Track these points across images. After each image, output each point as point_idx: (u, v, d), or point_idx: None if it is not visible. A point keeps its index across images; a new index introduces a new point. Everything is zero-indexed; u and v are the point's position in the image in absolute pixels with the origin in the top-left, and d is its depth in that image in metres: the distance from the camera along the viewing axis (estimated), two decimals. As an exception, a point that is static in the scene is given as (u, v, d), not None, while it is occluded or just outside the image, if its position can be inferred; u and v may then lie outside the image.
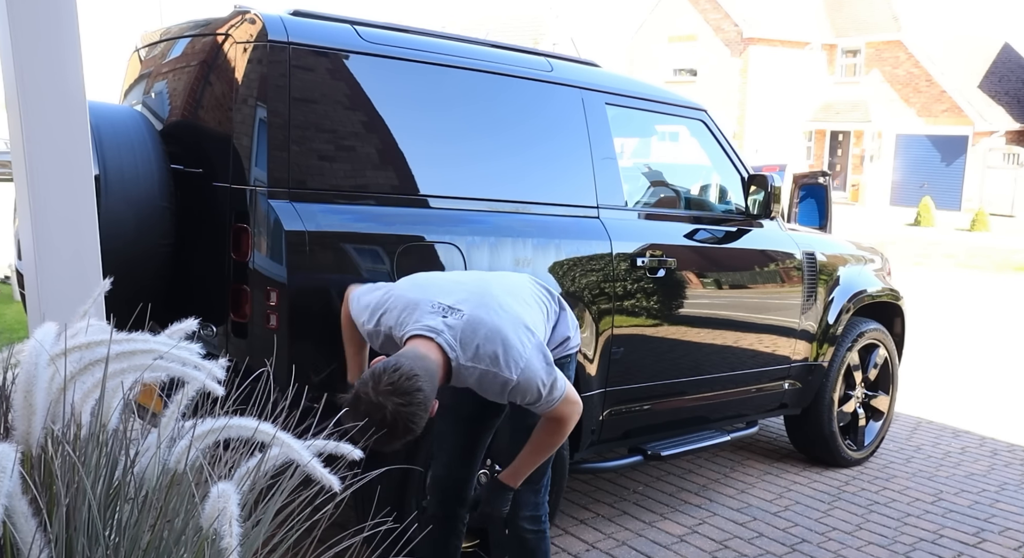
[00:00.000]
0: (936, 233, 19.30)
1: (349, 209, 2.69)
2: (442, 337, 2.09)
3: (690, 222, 3.77)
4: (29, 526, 1.11)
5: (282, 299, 2.53)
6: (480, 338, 2.10)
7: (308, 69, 2.63)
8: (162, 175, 2.72)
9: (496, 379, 2.11)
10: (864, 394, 4.56)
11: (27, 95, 1.94)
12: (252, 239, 2.54)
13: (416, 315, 2.16)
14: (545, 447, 2.34)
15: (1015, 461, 4.71)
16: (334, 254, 2.64)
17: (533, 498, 2.53)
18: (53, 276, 2.02)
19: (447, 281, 2.34)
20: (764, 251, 3.95)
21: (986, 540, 3.63)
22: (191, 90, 2.93)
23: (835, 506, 3.95)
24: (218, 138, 2.71)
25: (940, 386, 6.31)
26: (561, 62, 3.41)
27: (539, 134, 3.22)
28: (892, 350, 4.64)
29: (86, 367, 1.26)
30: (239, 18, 2.72)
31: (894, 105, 28.77)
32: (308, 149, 2.61)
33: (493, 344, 2.09)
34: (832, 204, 5.10)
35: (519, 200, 3.09)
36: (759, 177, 3.90)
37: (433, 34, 3.08)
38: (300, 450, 1.31)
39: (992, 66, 29.15)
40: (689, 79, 31.06)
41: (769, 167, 14.84)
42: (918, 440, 5.01)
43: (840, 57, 30.51)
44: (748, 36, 29.17)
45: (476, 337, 2.10)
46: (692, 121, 3.88)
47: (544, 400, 2.16)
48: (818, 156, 30.50)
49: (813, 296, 4.15)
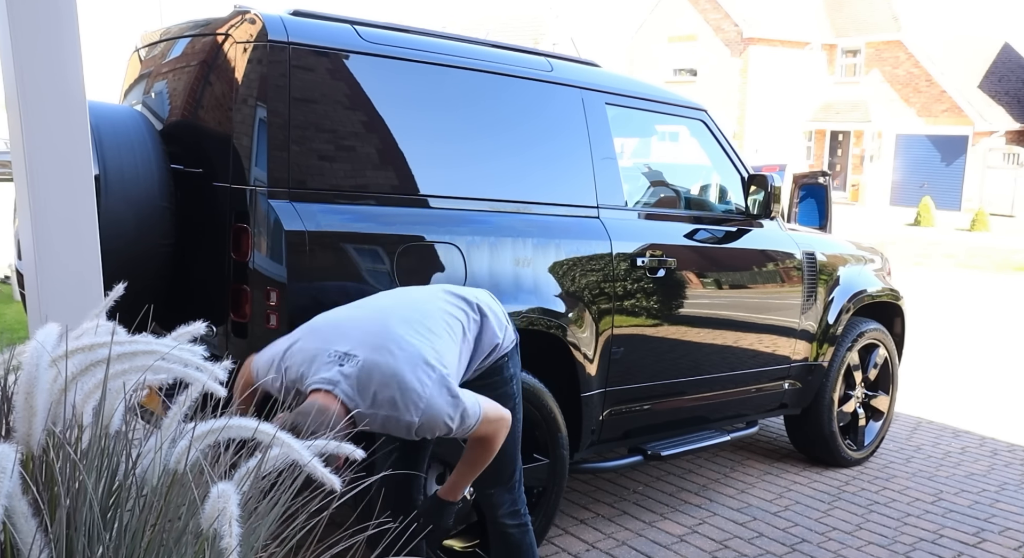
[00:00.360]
0: (936, 233, 19.30)
1: (349, 209, 2.69)
2: (339, 388, 2.04)
3: (690, 222, 3.77)
4: (29, 526, 1.11)
5: (282, 299, 2.53)
6: (376, 384, 2.04)
7: (308, 69, 2.63)
8: (162, 175, 2.72)
9: (400, 422, 2.06)
10: (864, 394, 4.56)
11: (27, 95, 1.94)
12: (252, 239, 2.54)
13: (314, 367, 2.11)
14: (478, 463, 2.31)
15: (1015, 461, 4.71)
16: (334, 254, 2.64)
17: (508, 496, 2.53)
18: (53, 276, 2.02)
19: (345, 321, 2.25)
20: (764, 251, 3.95)
21: (986, 540, 3.63)
22: (191, 90, 2.93)
23: (835, 506, 3.95)
24: (218, 138, 2.71)
25: (940, 386, 6.31)
26: (561, 62, 3.41)
27: (539, 134, 3.22)
28: (892, 350, 4.64)
29: (87, 368, 1.26)
30: (239, 18, 2.72)
31: (894, 105, 28.78)
32: (308, 149, 2.61)
33: (390, 389, 2.04)
34: (832, 204, 5.10)
35: (519, 200, 3.09)
36: (759, 177, 3.91)
37: (433, 34, 3.08)
38: (300, 450, 1.31)
39: (992, 66, 29.16)
40: (689, 79, 31.06)
41: (769, 167, 14.84)
42: (918, 440, 5.02)
43: (840, 57, 30.52)
44: (748, 36, 29.17)
45: (372, 383, 2.04)
46: (692, 121, 3.88)
47: (457, 430, 2.12)
48: (818, 156, 30.50)
49: (813, 296, 4.15)
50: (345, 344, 2.12)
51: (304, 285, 2.58)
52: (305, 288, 2.58)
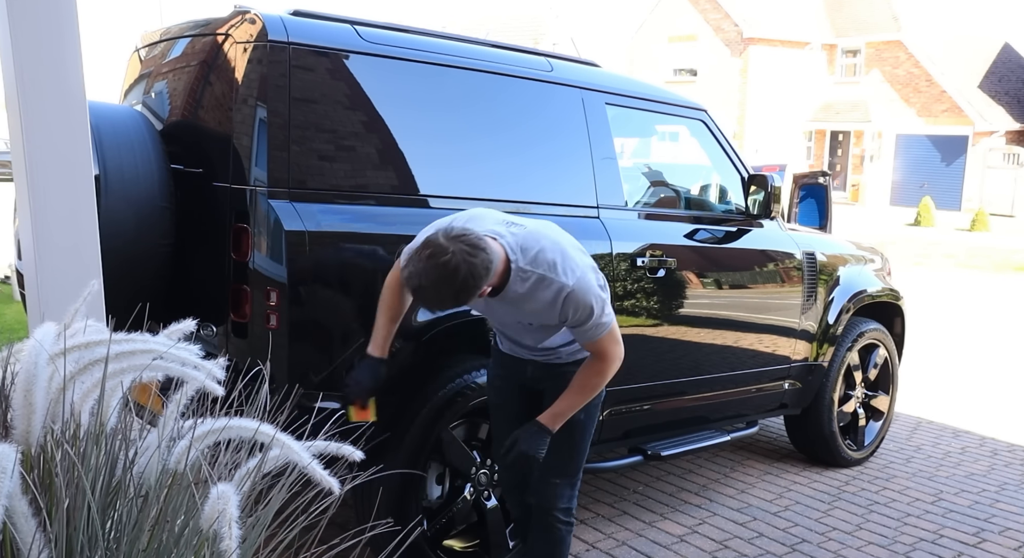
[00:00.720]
0: (936, 233, 19.30)
1: (349, 209, 2.68)
2: (504, 240, 2.19)
3: (690, 222, 3.77)
4: (29, 526, 1.11)
5: (282, 299, 2.53)
6: (540, 245, 2.21)
7: (308, 69, 2.63)
8: (162, 175, 2.72)
9: (551, 285, 2.18)
10: (864, 394, 4.56)
11: (27, 95, 1.94)
12: (252, 239, 2.54)
13: (479, 225, 2.24)
14: (587, 388, 2.39)
15: (1015, 461, 4.71)
16: (334, 254, 2.64)
17: (569, 491, 2.57)
18: (53, 276, 2.02)
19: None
20: (764, 251, 3.95)
21: (986, 540, 3.63)
22: (191, 90, 2.93)
23: (835, 506, 3.95)
24: (218, 138, 2.71)
25: (940, 386, 6.31)
26: (561, 62, 3.41)
27: (539, 134, 3.22)
28: (892, 350, 4.64)
29: (85, 367, 1.26)
30: (239, 18, 2.72)
31: (894, 105, 28.77)
32: (308, 149, 2.61)
33: (552, 252, 2.21)
34: (832, 204, 5.10)
35: (519, 200, 3.09)
36: (759, 177, 3.90)
37: (433, 34, 3.08)
38: (300, 451, 1.31)
39: (992, 66, 29.15)
40: (689, 79, 31.05)
41: (769, 167, 14.83)
42: (918, 440, 5.01)
43: (840, 57, 30.51)
44: (748, 36, 29.16)
45: (537, 244, 2.21)
46: (692, 121, 3.88)
47: (594, 322, 2.24)
48: (818, 156, 30.50)
49: (813, 296, 4.15)
50: (513, 219, 2.32)
51: (304, 285, 2.57)
52: (305, 288, 2.58)
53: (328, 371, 2.63)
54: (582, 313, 2.21)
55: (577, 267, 2.22)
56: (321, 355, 2.65)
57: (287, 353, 2.54)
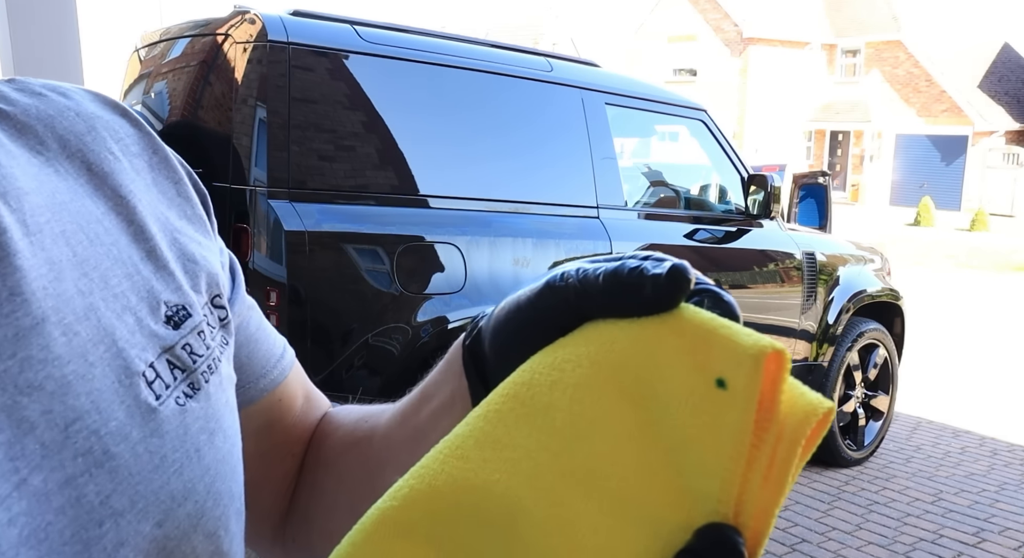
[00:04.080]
0: (936, 233, 19.30)
1: (349, 209, 2.69)
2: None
3: (690, 222, 3.77)
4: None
5: (282, 299, 2.53)
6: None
7: (308, 69, 2.63)
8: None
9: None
10: (864, 394, 4.56)
11: (27, 95, 1.94)
12: (252, 239, 2.55)
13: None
14: None
15: (1015, 461, 4.71)
16: (334, 254, 2.64)
17: None
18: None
19: None
20: (764, 251, 3.95)
21: (986, 540, 3.63)
22: (191, 90, 2.93)
23: (835, 506, 3.95)
24: (218, 138, 2.71)
25: (940, 386, 6.31)
26: (561, 62, 3.41)
27: (539, 134, 3.23)
28: (892, 350, 4.64)
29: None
30: (239, 18, 2.73)
31: (894, 105, 28.78)
32: (308, 149, 2.61)
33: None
34: (832, 204, 5.10)
35: (519, 200, 3.09)
36: (759, 177, 3.91)
37: (433, 34, 3.08)
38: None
39: (992, 66, 29.16)
40: (689, 79, 31.07)
41: (769, 167, 14.83)
42: (918, 440, 5.01)
43: (840, 57, 30.52)
44: (748, 36, 29.17)
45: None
46: (692, 121, 3.88)
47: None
48: (818, 156, 30.51)
49: (813, 296, 4.15)
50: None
51: (304, 285, 2.58)
52: (305, 288, 2.58)
53: (328, 371, 2.63)
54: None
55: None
56: (321, 355, 2.65)
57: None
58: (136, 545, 0.33)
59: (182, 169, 0.46)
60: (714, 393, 0.27)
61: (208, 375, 0.40)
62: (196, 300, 0.41)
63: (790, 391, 0.27)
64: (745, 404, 0.26)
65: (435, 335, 2.81)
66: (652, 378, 0.28)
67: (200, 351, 0.40)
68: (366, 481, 0.50)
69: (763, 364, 0.27)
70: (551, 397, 0.29)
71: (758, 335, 0.27)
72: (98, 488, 0.32)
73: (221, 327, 0.43)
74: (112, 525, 0.32)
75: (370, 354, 2.60)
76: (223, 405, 0.41)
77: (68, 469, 0.31)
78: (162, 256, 0.40)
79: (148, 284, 0.39)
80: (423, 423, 0.45)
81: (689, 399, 0.27)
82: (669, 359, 0.28)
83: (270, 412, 0.52)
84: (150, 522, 0.34)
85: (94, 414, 0.33)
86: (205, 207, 0.48)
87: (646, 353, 0.29)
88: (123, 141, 0.43)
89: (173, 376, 0.37)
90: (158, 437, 0.35)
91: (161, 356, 0.37)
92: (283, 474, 0.55)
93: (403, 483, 0.29)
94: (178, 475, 0.36)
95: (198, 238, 0.44)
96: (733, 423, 0.26)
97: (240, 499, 0.41)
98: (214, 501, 0.38)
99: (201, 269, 0.42)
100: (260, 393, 0.51)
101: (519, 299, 0.35)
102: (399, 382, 2.72)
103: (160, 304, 0.39)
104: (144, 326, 0.37)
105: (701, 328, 0.28)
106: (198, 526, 0.37)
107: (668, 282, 0.30)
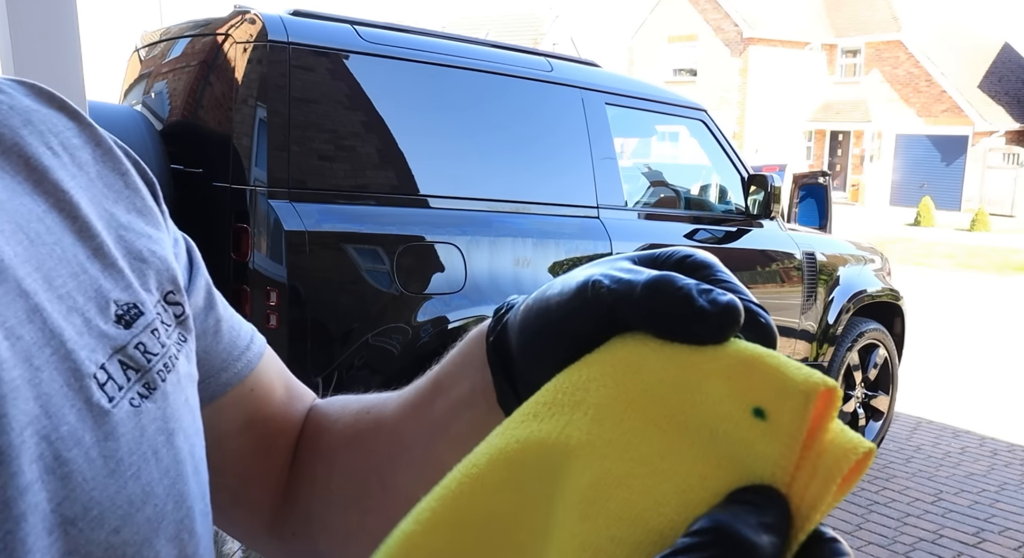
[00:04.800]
0: (936, 233, 19.30)
1: (349, 209, 2.69)
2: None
3: (690, 222, 3.77)
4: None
5: (282, 299, 2.53)
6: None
7: (308, 69, 2.63)
8: (162, 175, 2.72)
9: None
10: (864, 394, 4.56)
11: (27, 95, 1.94)
12: (252, 239, 2.55)
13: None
14: None
15: (1015, 461, 4.71)
16: (334, 254, 2.64)
17: None
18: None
19: None
20: (764, 251, 3.95)
21: (986, 540, 3.63)
22: (191, 90, 2.93)
23: (835, 506, 3.95)
24: (218, 138, 2.71)
25: (940, 386, 6.31)
26: (561, 62, 3.41)
27: (539, 134, 3.23)
28: (892, 350, 4.64)
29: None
30: (239, 18, 2.73)
31: (894, 105, 28.78)
32: (308, 149, 2.61)
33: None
34: (832, 204, 5.10)
35: (519, 200, 3.09)
36: (759, 177, 3.91)
37: (433, 34, 3.09)
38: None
39: (992, 66, 29.16)
40: (689, 79, 31.07)
41: (769, 167, 14.82)
42: (918, 440, 5.01)
43: (840, 57, 30.52)
44: (748, 36, 29.17)
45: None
46: (692, 121, 3.88)
47: None
48: (818, 156, 30.51)
49: (813, 296, 4.15)
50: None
51: (304, 285, 2.58)
52: (305, 288, 2.58)
53: (328, 371, 2.63)
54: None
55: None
56: (321, 355, 2.65)
57: (287, 353, 2.54)
58: (88, 553, 0.32)
59: (128, 159, 0.44)
60: (750, 421, 0.26)
61: (165, 374, 0.38)
62: (147, 298, 0.39)
63: (833, 429, 0.26)
64: (789, 439, 0.25)
65: (435, 335, 2.81)
66: (682, 402, 0.27)
67: (155, 349, 0.38)
68: (373, 473, 0.49)
69: (815, 400, 0.25)
70: (572, 416, 0.28)
71: (809, 369, 0.26)
72: (50, 495, 0.31)
73: (178, 324, 0.41)
74: (60, 534, 0.31)
75: (370, 354, 2.59)
76: (182, 404, 0.39)
77: (27, 475, 0.30)
78: (109, 254, 0.38)
79: (96, 283, 0.37)
80: (440, 417, 0.44)
81: (721, 426, 0.26)
82: (701, 384, 0.27)
83: (244, 404, 0.51)
84: (105, 529, 0.33)
85: (43, 419, 0.31)
86: (155, 196, 0.46)
87: (677, 376, 0.27)
88: (62, 134, 0.41)
89: (126, 377, 0.36)
90: (113, 440, 0.34)
91: (113, 357, 0.36)
92: (270, 468, 0.54)
93: (425, 505, 0.28)
94: (135, 479, 0.35)
95: (148, 231, 0.42)
96: (771, 456, 0.25)
97: (205, 500, 0.40)
98: (175, 504, 0.37)
99: (151, 267, 0.41)
100: (224, 387, 0.49)
101: (549, 302, 0.34)
102: (399, 382, 2.72)
103: (109, 303, 0.37)
104: (93, 327, 0.35)
105: (742, 355, 0.27)
106: (159, 530, 0.35)
107: (718, 323, 0.28)
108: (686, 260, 0.32)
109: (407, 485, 0.46)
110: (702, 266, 0.32)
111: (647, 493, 0.25)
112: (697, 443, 0.26)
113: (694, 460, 0.26)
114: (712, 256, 0.33)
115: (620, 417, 0.27)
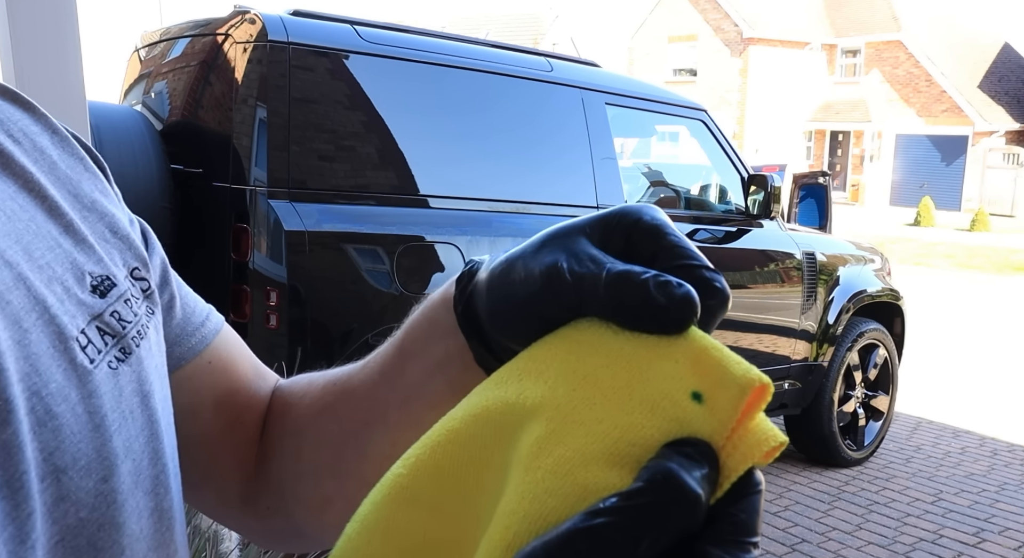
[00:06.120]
0: (936, 233, 19.30)
1: (349, 209, 2.69)
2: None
3: (690, 222, 3.77)
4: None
5: (282, 299, 2.53)
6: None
7: (308, 69, 2.63)
8: (162, 175, 2.72)
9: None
10: (864, 394, 4.56)
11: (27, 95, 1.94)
12: (252, 239, 2.55)
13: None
14: None
15: (1015, 461, 4.71)
16: (334, 254, 2.64)
17: None
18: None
19: None
20: (764, 251, 3.95)
21: (986, 540, 3.63)
22: (191, 90, 2.93)
23: (835, 506, 3.95)
24: (218, 138, 2.72)
25: (940, 386, 6.31)
26: (561, 62, 3.41)
27: (539, 134, 3.23)
28: (892, 350, 4.64)
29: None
30: (239, 18, 2.73)
31: (894, 105, 28.78)
32: (308, 149, 2.61)
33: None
34: (832, 204, 5.10)
35: (519, 200, 3.09)
36: (759, 177, 3.91)
37: (433, 34, 3.09)
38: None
39: (992, 66, 29.16)
40: (689, 79, 31.07)
41: (769, 167, 14.82)
42: (918, 440, 5.01)
43: (840, 57, 30.52)
44: (748, 36, 29.18)
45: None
46: (692, 121, 3.88)
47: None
48: (818, 156, 30.51)
49: (813, 296, 4.15)
50: None
51: (304, 285, 2.58)
52: (305, 288, 2.58)
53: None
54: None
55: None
56: (321, 355, 2.65)
57: (287, 353, 2.54)
58: (78, 499, 0.34)
59: (79, 145, 0.46)
60: (688, 403, 0.29)
61: (138, 340, 0.40)
62: (118, 272, 0.42)
63: (758, 418, 0.29)
64: (718, 426, 0.28)
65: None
66: (630, 378, 0.30)
67: (128, 317, 0.40)
68: (350, 440, 0.51)
69: (750, 393, 0.29)
70: (534, 384, 0.31)
71: (748, 364, 0.30)
72: (41, 446, 0.33)
73: (145, 298, 0.44)
74: (52, 481, 0.33)
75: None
76: (153, 370, 0.42)
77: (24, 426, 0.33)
78: (80, 231, 0.41)
79: (71, 256, 0.39)
80: (414, 380, 0.46)
81: (661, 402, 0.29)
82: (652, 363, 0.30)
83: (204, 378, 0.53)
84: (94, 478, 0.35)
85: (34, 376, 0.34)
86: (108, 180, 0.48)
87: (632, 355, 0.31)
88: (20, 122, 0.43)
89: (104, 341, 0.38)
90: (96, 398, 0.36)
91: (91, 323, 0.38)
92: (238, 443, 0.56)
93: (411, 452, 0.32)
94: (118, 433, 0.37)
95: (111, 211, 0.45)
96: (704, 433, 0.28)
97: (175, 461, 0.43)
98: (151, 460, 0.40)
99: (116, 245, 0.43)
100: (178, 361, 0.51)
101: (514, 284, 0.35)
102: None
103: (85, 275, 0.39)
104: (72, 295, 0.38)
105: (693, 344, 0.30)
106: (138, 483, 0.38)
107: (676, 317, 0.31)
108: (639, 224, 0.34)
109: (385, 446, 0.48)
110: (653, 232, 0.34)
111: (580, 451, 0.28)
112: (635, 413, 0.29)
113: (628, 427, 0.28)
114: (661, 214, 0.35)
115: (573, 386, 0.30)
